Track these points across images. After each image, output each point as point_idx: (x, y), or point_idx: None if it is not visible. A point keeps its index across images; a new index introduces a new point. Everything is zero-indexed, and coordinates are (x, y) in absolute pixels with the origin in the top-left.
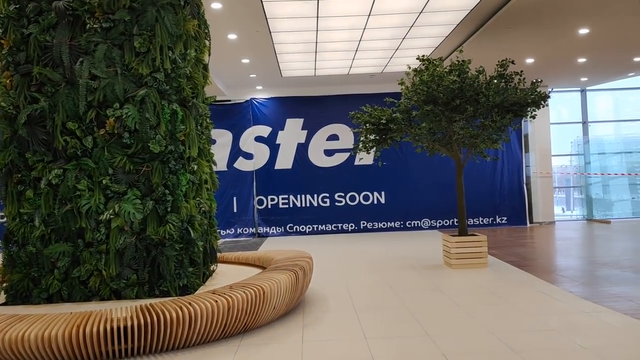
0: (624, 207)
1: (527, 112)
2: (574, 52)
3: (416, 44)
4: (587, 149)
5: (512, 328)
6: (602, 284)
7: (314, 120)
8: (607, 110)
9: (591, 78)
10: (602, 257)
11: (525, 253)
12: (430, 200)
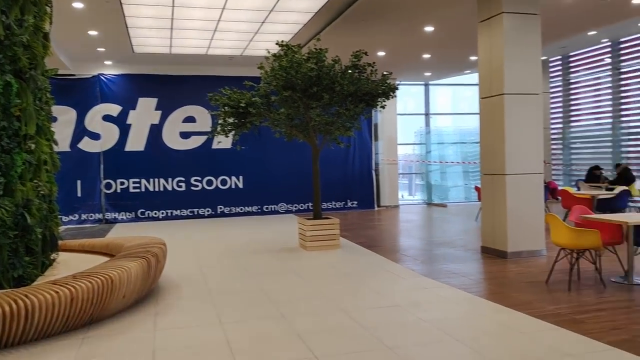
0: (458, 192)
1: (377, 102)
2: (420, 48)
3: (275, 29)
4: (428, 139)
5: (362, 305)
6: (440, 262)
7: (170, 100)
8: (446, 104)
9: (434, 73)
10: (439, 237)
11: (373, 235)
12: (287, 185)
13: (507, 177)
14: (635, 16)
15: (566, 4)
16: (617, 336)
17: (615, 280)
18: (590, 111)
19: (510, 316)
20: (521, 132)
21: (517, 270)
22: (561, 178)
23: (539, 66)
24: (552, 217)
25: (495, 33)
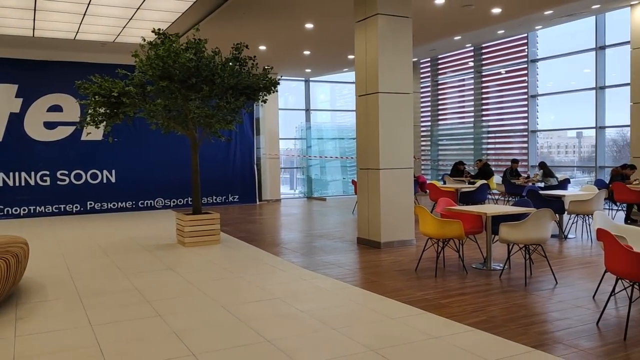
0: (337, 186)
1: (259, 96)
2: (301, 45)
3: (151, 16)
4: (308, 134)
5: (241, 300)
6: (318, 254)
7: (32, 87)
8: (325, 100)
9: (314, 70)
10: (318, 230)
11: (254, 229)
12: (165, 179)
13: (381, 171)
14: (494, 24)
15: (435, 10)
16: (477, 317)
17: (475, 266)
18: (456, 110)
19: (382, 303)
20: (394, 129)
21: (390, 260)
22: (429, 172)
23: (410, 67)
24: (421, 209)
25: (371, 33)
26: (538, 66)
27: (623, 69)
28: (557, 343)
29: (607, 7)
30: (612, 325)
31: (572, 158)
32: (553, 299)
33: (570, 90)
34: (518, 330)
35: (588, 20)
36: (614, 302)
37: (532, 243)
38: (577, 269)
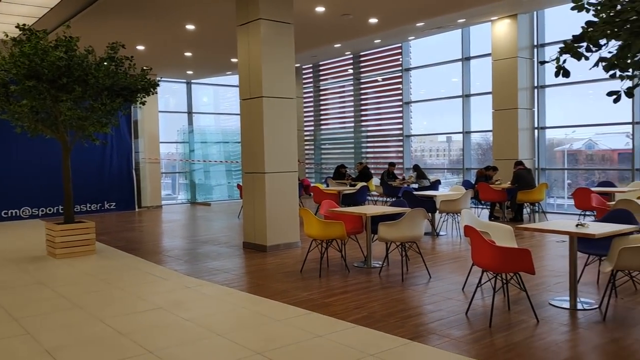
0: (222, 190)
1: (137, 97)
2: (182, 46)
3: (15, 10)
4: (191, 138)
5: (121, 312)
6: (203, 260)
7: None
8: (209, 103)
9: (196, 72)
10: (203, 235)
11: (133, 237)
12: (32, 187)
13: (267, 175)
14: (372, 33)
15: (316, 17)
16: (359, 314)
17: (357, 265)
18: (337, 116)
19: (268, 306)
20: (278, 133)
21: (276, 262)
22: (313, 175)
23: (293, 72)
24: (305, 212)
25: (253, 38)
26: (411, 75)
27: (486, 79)
28: (432, 334)
29: (471, 22)
30: (479, 314)
31: (443, 161)
32: (427, 292)
33: (440, 97)
34: (396, 324)
35: (455, 33)
36: (481, 293)
37: (408, 241)
38: (448, 264)
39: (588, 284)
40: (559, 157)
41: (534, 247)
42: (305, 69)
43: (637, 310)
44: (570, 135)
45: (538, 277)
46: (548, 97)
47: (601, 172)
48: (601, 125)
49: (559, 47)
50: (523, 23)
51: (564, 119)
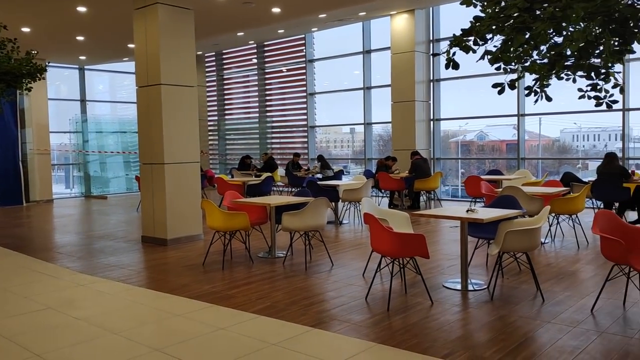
0: (119, 183)
1: (22, 83)
2: (73, 29)
3: None
4: (85, 127)
5: (5, 314)
6: (98, 256)
7: None
8: (104, 91)
9: (90, 57)
10: (99, 230)
11: (21, 233)
12: None
13: (166, 166)
14: (275, 23)
15: (217, 4)
16: (262, 304)
17: (262, 255)
18: (242, 106)
19: (168, 301)
20: (178, 122)
21: (177, 256)
22: (218, 166)
23: (193, 59)
24: (207, 203)
25: (151, 23)
26: (315, 66)
27: (385, 72)
28: (333, 320)
29: (371, 15)
30: (378, 298)
31: (347, 151)
32: (330, 279)
33: (342, 89)
34: (299, 312)
35: (357, 26)
36: (380, 278)
37: (311, 230)
38: (350, 251)
39: (478, 266)
40: (453, 148)
41: (429, 233)
42: (208, 57)
43: (520, 289)
44: (464, 126)
45: (433, 261)
46: (443, 90)
47: (492, 161)
48: (490, 117)
49: (449, 40)
50: (420, 18)
51: (458, 111)
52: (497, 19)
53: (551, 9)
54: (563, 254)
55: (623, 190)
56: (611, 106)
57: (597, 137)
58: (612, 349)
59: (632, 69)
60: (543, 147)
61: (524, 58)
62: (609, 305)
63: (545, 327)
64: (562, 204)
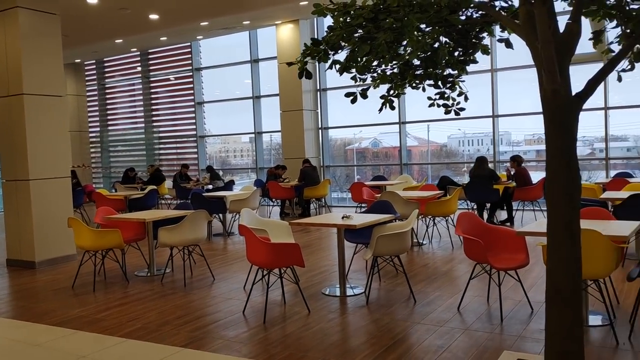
0: None
1: None
2: None
3: None
4: None
5: None
6: None
7: None
8: None
9: None
10: None
11: None
12: None
13: (32, 182)
14: (155, 30)
15: (89, 9)
16: (132, 327)
17: (139, 274)
18: (127, 116)
19: (27, 330)
20: (45, 135)
21: (46, 280)
22: (102, 180)
23: (60, 68)
24: (74, 221)
25: (10, 28)
26: (202, 74)
27: (274, 81)
28: (206, 337)
29: (256, 24)
30: (255, 311)
31: (247, 160)
32: (209, 295)
33: (232, 98)
34: (171, 332)
35: (244, 34)
36: (261, 290)
37: (190, 244)
38: (235, 263)
39: (358, 271)
40: (350, 155)
41: (316, 240)
42: (88, 65)
43: (396, 291)
44: (359, 134)
45: (315, 268)
46: (334, 99)
47: (386, 167)
48: (377, 125)
49: (302, 50)
50: (304, 28)
51: (350, 119)
52: (347, 29)
53: (391, 20)
54: (438, 254)
55: (493, 191)
56: (459, 113)
57: (480, 141)
58: (473, 345)
59: (499, 78)
60: (432, 153)
61: (371, 68)
62: (474, 303)
63: (414, 328)
64: (437, 206)
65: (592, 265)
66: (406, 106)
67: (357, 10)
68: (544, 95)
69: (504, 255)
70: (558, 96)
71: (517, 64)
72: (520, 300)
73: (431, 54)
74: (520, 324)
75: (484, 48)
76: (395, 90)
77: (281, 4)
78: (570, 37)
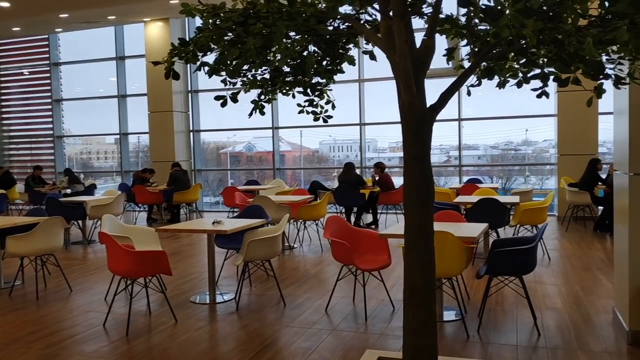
0: None
1: None
2: None
3: None
4: None
5: None
6: None
7: None
8: None
9: None
10: None
11: None
12: None
13: None
14: (5, 20)
15: None
16: None
17: None
18: None
19: None
20: None
21: None
22: None
23: None
24: None
25: None
26: (62, 70)
27: (142, 80)
28: (61, 354)
29: (123, 20)
30: (118, 323)
31: (112, 163)
32: (65, 308)
33: (96, 96)
34: (20, 351)
35: (109, 30)
36: (124, 301)
37: (44, 253)
38: (95, 274)
39: (228, 277)
40: (224, 159)
41: (185, 247)
42: None
43: (266, 296)
44: (233, 138)
45: (184, 275)
46: (204, 102)
47: (260, 171)
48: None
49: (169, 49)
50: (175, 28)
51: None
52: (216, 31)
53: (260, 25)
54: (308, 257)
55: (360, 196)
56: (327, 121)
57: (349, 148)
58: (339, 345)
59: (366, 88)
60: (304, 158)
61: (242, 72)
62: (341, 304)
63: (283, 332)
64: (307, 210)
65: (445, 264)
66: (279, 111)
67: (226, 13)
68: (401, 106)
69: (368, 256)
70: (414, 107)
71: (383, 76)
72: (383, 300)
73: (300, 61)
74: (383, 322)
75: (350, 59)
76: (266, 95)
77: (150, 0)
78: (426, 52)
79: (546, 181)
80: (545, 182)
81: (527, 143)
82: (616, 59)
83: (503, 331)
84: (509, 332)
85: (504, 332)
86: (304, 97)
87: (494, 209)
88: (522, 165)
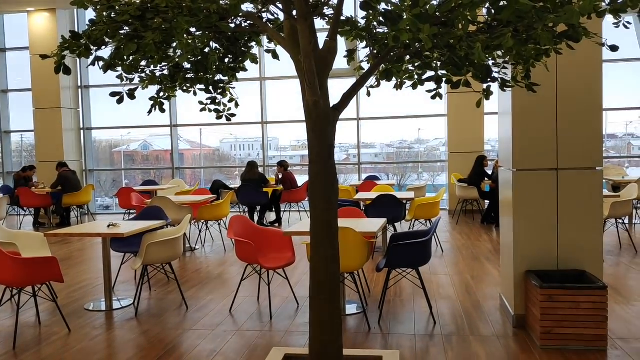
0: None
1: None
2: None
3: None
4: None
5: None
6: None
7: None
8: None
9: None
10: None
11: None
12: None
13: None
14: None
15: None
16: None
17: None
18: None
19: None
20: None
21: None
22: None
23: None
24: None
25: None
26: None
27: (26, 74)
28: None
29: (2, 9)
30: (3, 337)
31: None
32: None
33: None
34: None
35: None
36: (10, 312)
37: None
38: None
39: (126, 282)
40: (117, 158)
41: (78, 252)
42: None
43: (167, 299)
44: (127, 136)
45: (77, 282)
46: (96, 98)
47: (157, 171)
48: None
49: (59, 42)
50: (63, 19)
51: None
52: (111, 25)
53: (159, 20)
54: (211, 258)
55: (263, 194)
56: (230, 119)
57: (251, 146)
58: (244, 345)
59: (268, 86)
60: (205, 157)
61: (140, 67)
62: (245, 303)
63: (186, 335)
64: (209, 210)
65: (348, 259)
66: (178, 109)
67: (122, 6)
68: (306, 106)
69: (273, 255)
70: (318, 107)
71: (286, 75)
72: (288, 297)
73: (202, 58)
74: (288, 320)
75: (253, 57)
76: (166, 92)
77: None
78: (329, 53)
79: (437, 177)
80: (437, 178)
81: (420, 141)
82: (501, 64)
83: (402, 321)
84: (407, 322)
85: (402, 322)
86: (206, 95)
87: (391, 204)
88: (416, 163)
